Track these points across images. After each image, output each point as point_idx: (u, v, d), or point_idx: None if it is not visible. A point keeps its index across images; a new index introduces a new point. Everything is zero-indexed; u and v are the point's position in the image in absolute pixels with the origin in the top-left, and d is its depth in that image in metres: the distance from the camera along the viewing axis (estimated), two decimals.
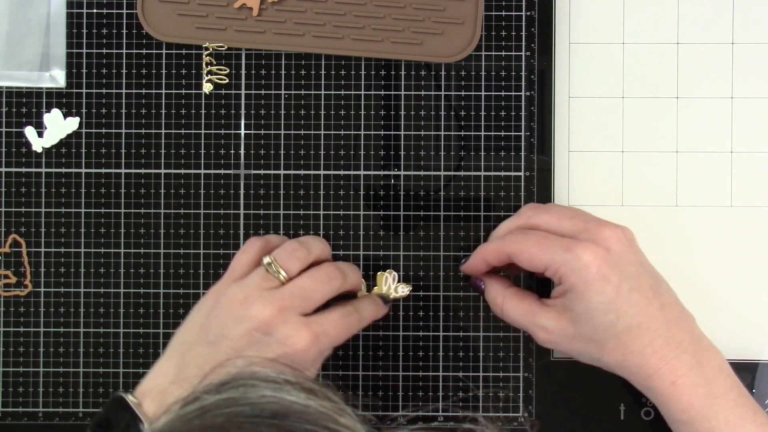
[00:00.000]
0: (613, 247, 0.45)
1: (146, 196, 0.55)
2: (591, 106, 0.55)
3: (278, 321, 0.45)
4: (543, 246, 0.46)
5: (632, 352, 0.45)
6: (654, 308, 0.45)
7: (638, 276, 0.45)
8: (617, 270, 0.45)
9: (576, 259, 0.45)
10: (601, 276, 0.44)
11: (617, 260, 0.45)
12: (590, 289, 0.45)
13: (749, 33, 0.55)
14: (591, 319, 0.45)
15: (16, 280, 0.55)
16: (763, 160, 0.55)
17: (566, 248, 0.45)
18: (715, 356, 0.46)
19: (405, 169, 0.55)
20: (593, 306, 0.45)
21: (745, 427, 0.44)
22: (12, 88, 0.55)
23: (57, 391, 0.55)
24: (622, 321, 0.45)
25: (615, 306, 0.44)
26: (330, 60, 0.55)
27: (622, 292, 0.44)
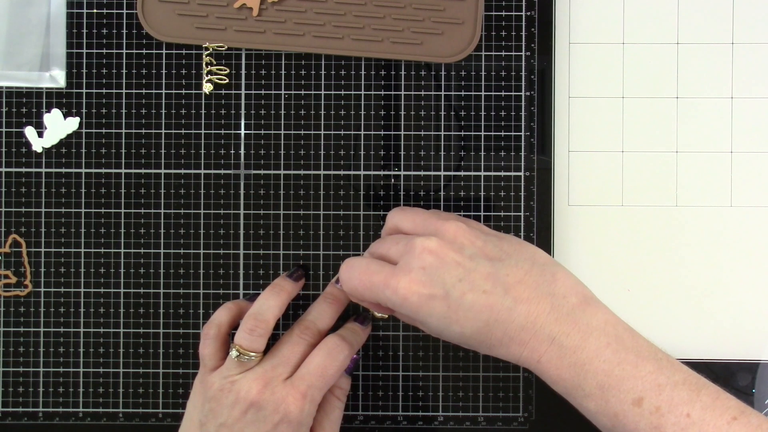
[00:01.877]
0: (427, 262, 0.44)
1: (146, 196, 0.55)
2: (591, 106, 0.55)
3: (265, 394, 0.47)
4: (366, 286, 0.45)
5: (494, 346, 0.44)
6: (496, 298, 0.43)
7: (468, 275, 0.43)
8: (438, 283, 0.43)
9: (395, 294, 0.44)
10: (424, 298, 0.43)
11: (436, 272, 0.44)
12: (421, 314, 0.44)
13: (749, 33, 0.55)
14: (441, 334, 0.45)
15: (16, 280, 0.55)
16: (763, 160, 0.55)
17: (385, 284, 0.44)
18: (584, 314, 0.43)
19: (405, 169, 0.55)
20: (435, 326, 0.44)
21: (620, 385, 0.42)
22: (12, 88, 0.55)
23: (57, 391, 0.55)
24: (468, 327, 0.43)
25: (452, 318, 0.43)
26: (330, 60, 0.55)
27: (453, 302, 0.43)
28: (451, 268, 0.44)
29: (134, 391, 0.55)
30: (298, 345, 0.49)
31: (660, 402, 0.41)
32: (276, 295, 0.50)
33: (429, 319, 0.44)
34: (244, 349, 0.48)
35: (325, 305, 0.51)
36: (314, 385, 0.48)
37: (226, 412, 0.47)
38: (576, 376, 0.42)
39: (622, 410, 0.42)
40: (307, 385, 0.47)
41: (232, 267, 0.55)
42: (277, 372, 0.47)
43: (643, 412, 0.41)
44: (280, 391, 0.47)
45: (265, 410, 0.46)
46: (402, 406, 0.55)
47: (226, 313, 0.50)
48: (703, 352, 0.55)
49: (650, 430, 0.41)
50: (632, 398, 0.42)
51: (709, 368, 0.54)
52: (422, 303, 0.43)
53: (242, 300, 0.52)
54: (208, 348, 0.49)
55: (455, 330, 0.44)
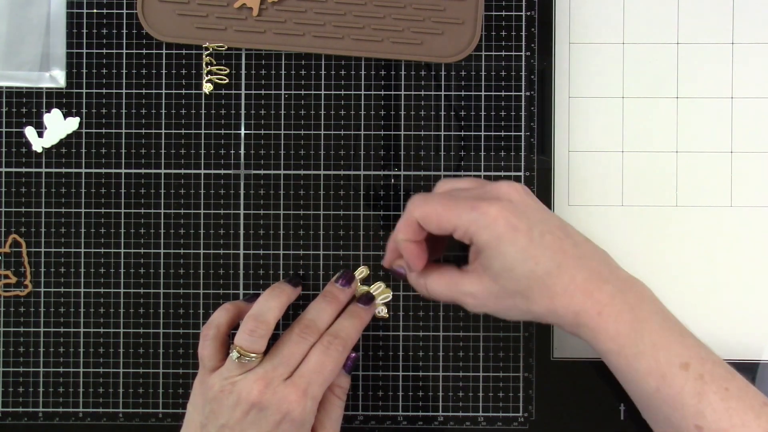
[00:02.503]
0: (515, 198, 0.46)
1: (146, 196, 0.55)
2: (591, 106, 0.55)
3: (267, 394, 0.47)
4: (448, 207, 0.46)
5: (557, 294, 0.45)
6: (568, 246, 0.45)
7: (546, 220, 0.46)
8: (524, 218, 0.45)
9: (483, 216, 0.45)
10: (510, 227, 0.45)
11: (522, 209, 0.46)
12: (503, 242, 0.45)
13: (749, 33, 0.55)
14: (511, 271, 0.45)
15: (16, 280, 0.55)
16: (763, 160, 0.55)
17: (472, 207, 0.45)
18: (635, 284, 0.46)
19: (405, 169, 0.55)
20: (510, 258, 0.45)
21: (670, 348, 0.45)
22: (12, 88, 0.55)
23: (57, 391, 0.55)
24: (542, 265, 0.45)
25: (531, 253, 0.45)
26: (330, 60, 0.55)
27: (535, 238, 0.45)
28: (534, 210, 0.46)
29: (134, 391, 0.55)
30: (298, 345, 0.49)
31: (703, 371, 0.44)
32: (276, 296, 0.50)
33: (509, 250, 0.45)
34: (244, 350, 0.48)
35: (324, 304, 0.51)
36: (314, 382, 0.48)
37: (227, 413, 0.47)
38: (633, 332, 0.45)
39: (671, 372, 0.44)
40: (306, 383, 0.47)
41: (232, 267, 0.55)
42: (277, 372, 0.47)
43: (689, 376, 0.44)
44: (282, 391, 0.47)
45: (267, 410, 0.46)
46: (402, 406, 0.55)
47: (225, 314, 0.50)
48: None
49: (693, 395, 0.44)
50: (680, 362, 0.44)
51: None
52: (508, 230, 0.45)
53: (241, 301, 0.52)
54: (207, 349, 0.49)
55: (528, 266, 0.45)
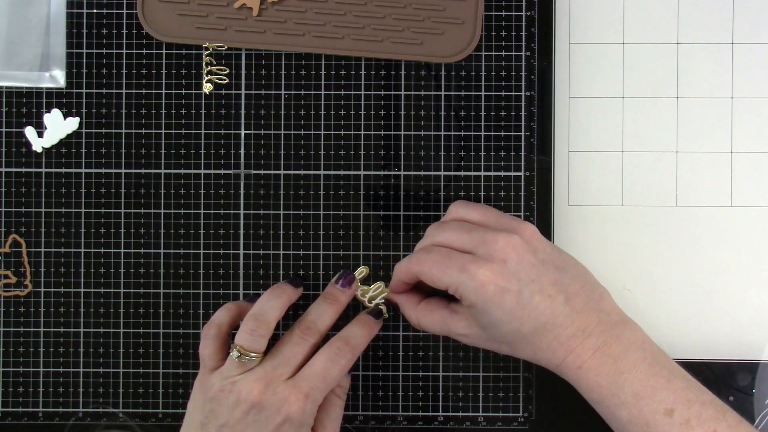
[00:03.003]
0: (509, 257, 0.46)
1: (146, 196, 0.55)
2: (591, 106, 0.55)
3: (267, 395, 0.47)
4: (441, 267, 0.47)
5: (540, 349, 0.47)
6: (558, 304, 0.46)
7: (539, 277, 0.46)
8: (515, 279, 0.46)
9: (471, 280, 0.46)
10: (499, 290, 0.46)
11: (515, 269, 0.46)
12: (490, 305, 0.46)
13: (749, 33, 0.55)
14: (497, 328, 0.47)
15: (16, 280, 0.55)
16: (763, 160, 0.55)
17: (462, 269, 0.46)
18: (625, 330, 0.47)
19: (405, 169, 0.55)
20: (496, 319, 0.46)
21: (655, 396, 0.45)
22: (12, 88, 0.55)
23: (57, 391, 0.55)
24: (527, 325, 0.46)
25: (517, 314, 0.46)
26: (330, 60, 0.55)
27: (523, 300, 0.46)
28: (528, 267, 0.46)
29: (134, 391, 0.55)
30: (299, 345, 0.49)
31: (690, 415, 0.45)
32: (277, 296, 0.50)
33: (495, 312, 0.46)
34: (245, 350, 0.48)
35: (326, 305, 0.51)
36: (317, 387, 0.48)
37: (227, 413, 0.47)
38: (614, 384, 0.46)
39: (654, 420, 0.45)
40: (309, 387, 0.47)
41: (232, 267, 0.55)
42: (278, 372, 0.47)
43: (673, 422, 0.45)
44: (282, 392, 0.47)
45: (266, 411, 0.46)
46: (402, 406, 0.55)
47: (226, 314, 0.50)
48: (703, 352, 0.55)
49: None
50: (664, 409, 0.45)
51: (709, 368, 0.54)
52: (496, 294, 0.46)
53: (242, 301, 0.52)
54: (208, 348, 0.49)
55: (514, 326, 0.46)
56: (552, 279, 0.47)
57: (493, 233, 0.47)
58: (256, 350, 0.48)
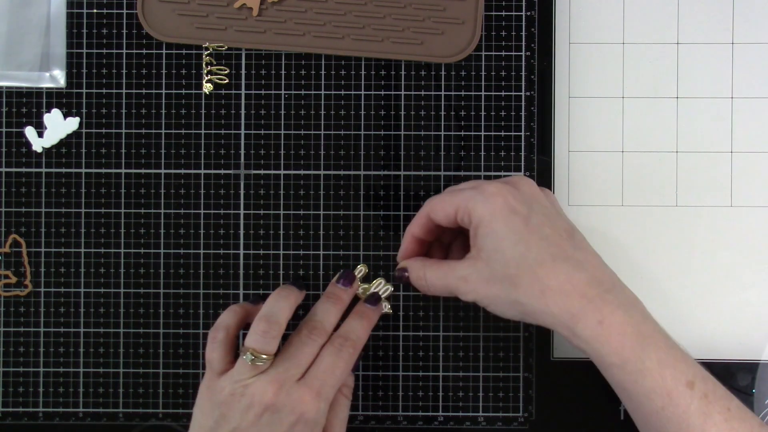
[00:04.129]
0: (524, 189, 0.46)
1: (146, 196, 0.55)
2: (591, 106, 0.55)
3: (281, 396, 0.46)
4: (455, 192, 0.47)
5: (550, 288, 0.43)
6: (568, 246, 0.44)
7: (553, 217, 0.45)
8: (526, 204, 0.45)
9: (482, 193, 0.45)
10: (508, 207, 0.44)
11: (528, 198, 0.45)
12: (496, 219, 0.44)
13: (749, 33, 0.55)
14: (502, 252, 0.44)
15: (16, 280, 0.55)
16: (763, 160, 0.55)
17: (474, 187, 0.46)
18: (638, 302, 0.45)
19: (405, 169, 0.55)
20: (501, 236, 0.44)
21: (677, 366, 0.42)
22: (12, 88, 0.55)
23: (57, 391, 0.55)
24: (533, 252, 0.43)
25: (524, 237, 0.43)
26: (330, 60, 0.55)
27: (532, 224, 0.44)
28: (539, 203, 0.45)
29: (134, 391, 0.55)
30: (308, 346, 0.49)
31: (707, 390, 0.43)
32: (285, 297, 0.50)
33: (501, 228, 0.44)
34: (257, 352, 0.47)
35: (329, 305, 0.51)
36: (327, 384, 0.48)
37: (239, 417, 0.46)
38: (639, 347, 0.42)
39: (677, 390, 0.42)
40: (320, 384, 0.47)
41: (232, 267, 0.55)
42: (290, 374, 0.47)
43: (694, 395, 0.42)
44: (296, 392, 0.47)
45: (281, 412, 0.46)
46: (402, 406, 0.55)
47: (233, 316, 0.50)
48: (703, 352, 0.55)
49: (699, 414, 0.42)
50: (686, 380, 0.43)
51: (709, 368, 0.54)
52: (504, 209, 0.44)
53: (246, 303, 0.52)
54: (216, 351, 0.49)
55: (519, 250, 0.43)
56: (564, 226, 0.45)
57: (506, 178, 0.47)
58: (269, 352, 0.47)
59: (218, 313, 0.54)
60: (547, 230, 0.44)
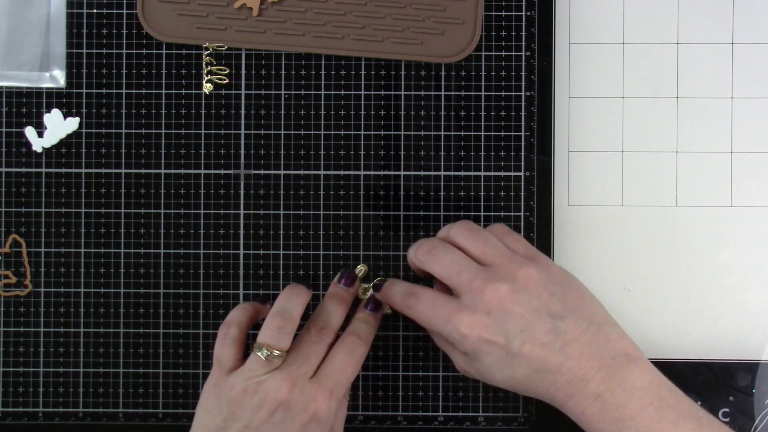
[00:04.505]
0: (494, 309, 0.46)
1: (146, 196, 0.55)
2: (591, 106, 0.55)
3: (295, 394, 0.46)
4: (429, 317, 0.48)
5: (538, 393, 0.47)
6: (552, 351, 0.46)
7: (529, 327, 0.46)
8: (501, 332, 0.46)
9: (455, 332, 0.46)
10: (484, 341, 0.46)
11: (500, 322, 0.46)
12: (479, 353, 0.46)
13: (749, 33, 0.55)
14: (491, 375, 0.47)
15: (16, 280, 0.55)
16: (763, 160, 0.55)
17: (447, 320, 0.47)
18: (631, 373, 0.46)
19: (405, 169, 0.55)
20: (487, 365, 0.47)
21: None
22: (12, 88, 0.55)
23: (57, 391, 0.55)
24: (519, 372, 0.46)
25: (508, 362, 0.46)
26: (330, 60, 0.55)
27: (512, 350, 0.46)
28: (516, 318, 0.46)
29: (134, 391, 0.55)
30: (317, 345, 0.48)
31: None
32: (297, 295, 0.50)
33: (484, 359, 0.46)
34: (271, 348, 0.47)
35: (334, 305, 0.51)
36: (339, 383, 0.48)
37: (250, 414, 0.46)
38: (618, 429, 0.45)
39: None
40: (333, 383, 0.47)
41: (232, 267, 0.55)
42: (302, 371, 0.47)
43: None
44: (309, 390, 0.46)
45: (294, 410, 0.46)
46: (402, 406, 0.55)
47: (244, 314, 0.50)
48: (703, 352, 0.55)
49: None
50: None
51: (709, 368, 0.54)
52: (481, 345, 0.46)
53: (256, 302, 0.52)
54: (227, 348, 0.48)
55: (506, 373, 0.46)
56: (545, 328, 0.46)
57: (482, 281, 0.46)
58: (282, 348, 0.47)
59: (219, 312, 0.54)
60: (527, 348, 0.46)
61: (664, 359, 0.54)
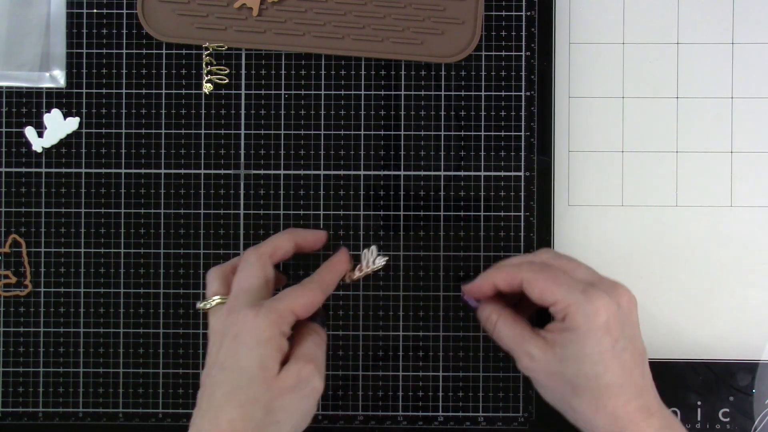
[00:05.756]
0: (623, 305, 0.46)
1: (146, 196, 0.55)
2: (591, 106, 0.55)
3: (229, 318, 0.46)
4: (560, 281, 0.46)
5: (605, 409, 0.45)
6: (637, 373, 0.46)
7: (634, 339, 0.46)
8: (620, 327, 0.45)
9: (589, 303, 0.45)
10: (605, 326, 0.45)
11: (623, 318, 0.46)
12: (591, 335, 0.45)
13: (749, 33, 0.55)
14: (580, 363, 0.45)
15: (16, 280, 0.55)
16: (763, 160, 0.55)
17: (583, 290, 0.46)
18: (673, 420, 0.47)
19: (405, 169, 0.55)
20: (587, 352, 0.45)
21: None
22: (12, 88, 0.55)
23: (57, 391, 0.55)
24: (608, 375, 0.45)
25: (606, 359, 0.45)
26: (330, 60, 0.55)
27: (617, 349, 0.45)
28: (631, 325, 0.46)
29: (134, 391, 0.55)
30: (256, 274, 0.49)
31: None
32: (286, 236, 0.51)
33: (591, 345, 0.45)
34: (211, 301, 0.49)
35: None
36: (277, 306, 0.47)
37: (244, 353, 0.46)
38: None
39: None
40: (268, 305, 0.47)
41: None
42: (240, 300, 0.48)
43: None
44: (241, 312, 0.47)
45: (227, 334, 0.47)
46: (402, 406, 0.55)
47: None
48: (703, 352, 0.55)
49: None
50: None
51: (709, 368, 0.54)
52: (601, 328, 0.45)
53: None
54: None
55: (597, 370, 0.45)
56: (640, 349, 0.47)
57: (610, 280, 0.47)
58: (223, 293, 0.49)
59: None
60: (626, 356, 0.45)
61: (664, 359, 0.54)
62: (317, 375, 0.46)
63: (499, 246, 0.54)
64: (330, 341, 0.54)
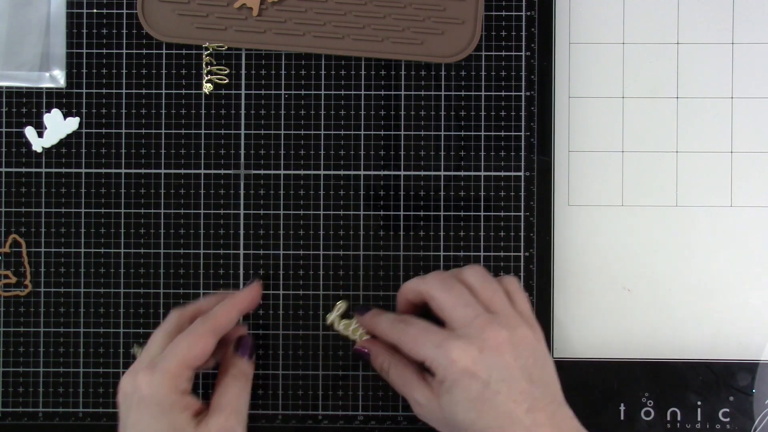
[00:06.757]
0: (488, 347, 0.46)
1: (146, 196, 0.55)
2: (591, 106, 0.55)
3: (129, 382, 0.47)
4: (419, 341, 0.47)
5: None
6: (519, 412, 0.45)
7: (509, 379, 0.46)
8: (486, 370, 0.45)
9: (444, 355, 0.46)
10: (468, 374, 0.45)
11: (489, 361, 0.45)
12: (457, 384, 0.45)
13: (749, 33, 0.55)
14: (455, 412, 0.46)
15: (16, 280, 0.55)
16: (763, 160, 0.55)
17: (438, 344, 0.46)
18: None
19: (405, 169, 0.55)
20: (456, 401, 0.46)
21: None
22: (12, 88, 0.55)
23: (57, 391, 0.55)
24: (482, 421, 0.45)
25: (477, 405, 0.45)
26: (330, 60, 0.55)
27: (487, 392, 0.45)
28: (503, 366, 0.46)
29: None
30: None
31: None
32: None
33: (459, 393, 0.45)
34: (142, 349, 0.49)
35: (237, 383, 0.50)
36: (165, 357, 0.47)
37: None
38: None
39: None
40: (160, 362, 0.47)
41: (232, 267, 0.55)
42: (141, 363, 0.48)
43: None
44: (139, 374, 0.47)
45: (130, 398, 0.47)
46: (402, 406, 0.55)
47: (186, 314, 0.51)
48: (703, 352, 0.55)
49: None
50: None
51: (709, 368, 0.54)
52: (464, 376, 0.45)
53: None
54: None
55: (471, 416, 0.45)
56: (522, 387, 0.46)
57: (485, 320, 0.47)
58: None
59: None
60: (500, 399, 0.45)
61: (664, 359, 0.54)
62: (240, 428, 0.47)
63: (499, 246, 0.54)
64: (330, 341, 0.54)
